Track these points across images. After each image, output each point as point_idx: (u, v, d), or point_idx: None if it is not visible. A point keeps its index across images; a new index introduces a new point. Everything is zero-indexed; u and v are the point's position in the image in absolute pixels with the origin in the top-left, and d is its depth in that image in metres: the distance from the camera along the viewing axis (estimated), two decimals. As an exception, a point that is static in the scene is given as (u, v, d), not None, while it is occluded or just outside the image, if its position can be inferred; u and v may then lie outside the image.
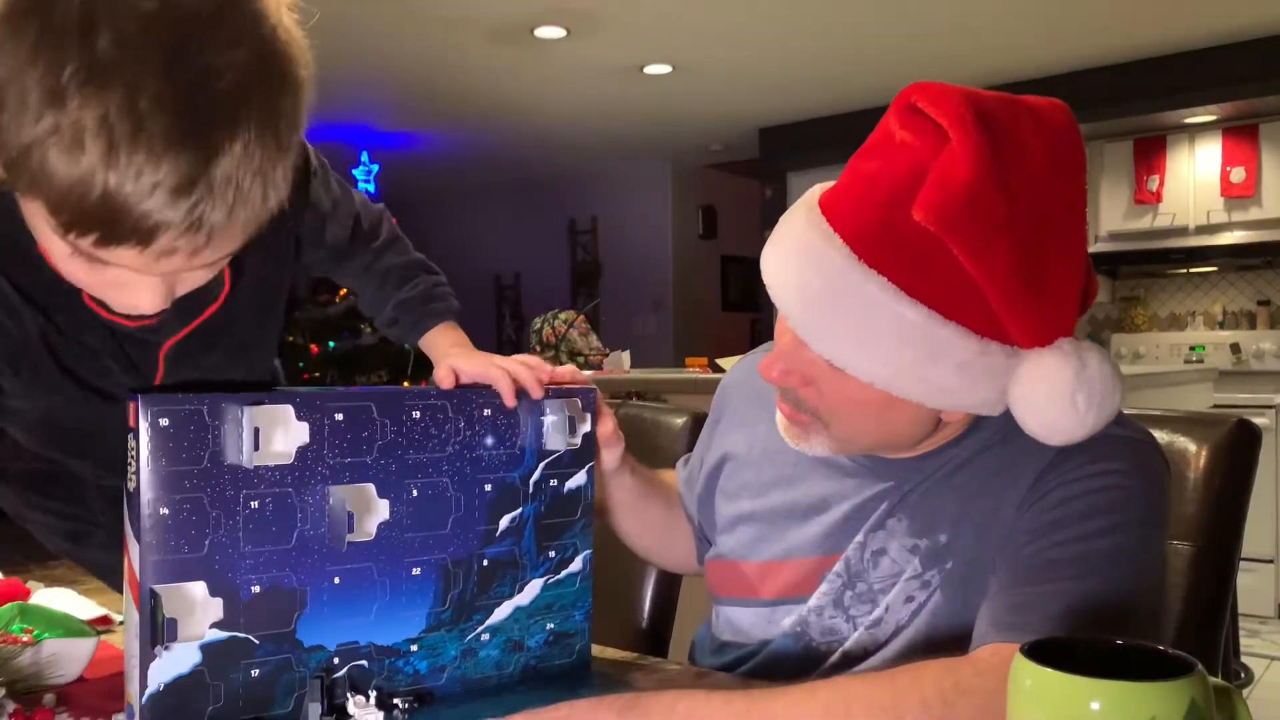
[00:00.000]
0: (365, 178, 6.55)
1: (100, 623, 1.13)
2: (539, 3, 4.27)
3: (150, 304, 0.75)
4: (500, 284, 8.65)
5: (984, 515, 0.95)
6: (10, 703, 0.89)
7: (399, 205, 7.26)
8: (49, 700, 0.91)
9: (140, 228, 0.66)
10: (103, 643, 1.01)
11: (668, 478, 1.29)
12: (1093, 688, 0.58)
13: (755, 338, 7.58)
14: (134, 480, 0.80)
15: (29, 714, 0.87)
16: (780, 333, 0.97)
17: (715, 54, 4.99)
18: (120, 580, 0.86)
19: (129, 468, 0.82)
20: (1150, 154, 5.22)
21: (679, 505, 1.26)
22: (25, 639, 0.97)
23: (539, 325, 4.42)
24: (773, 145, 6.46)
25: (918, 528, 0.98)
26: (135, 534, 0.80)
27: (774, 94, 5.70)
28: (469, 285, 8.33)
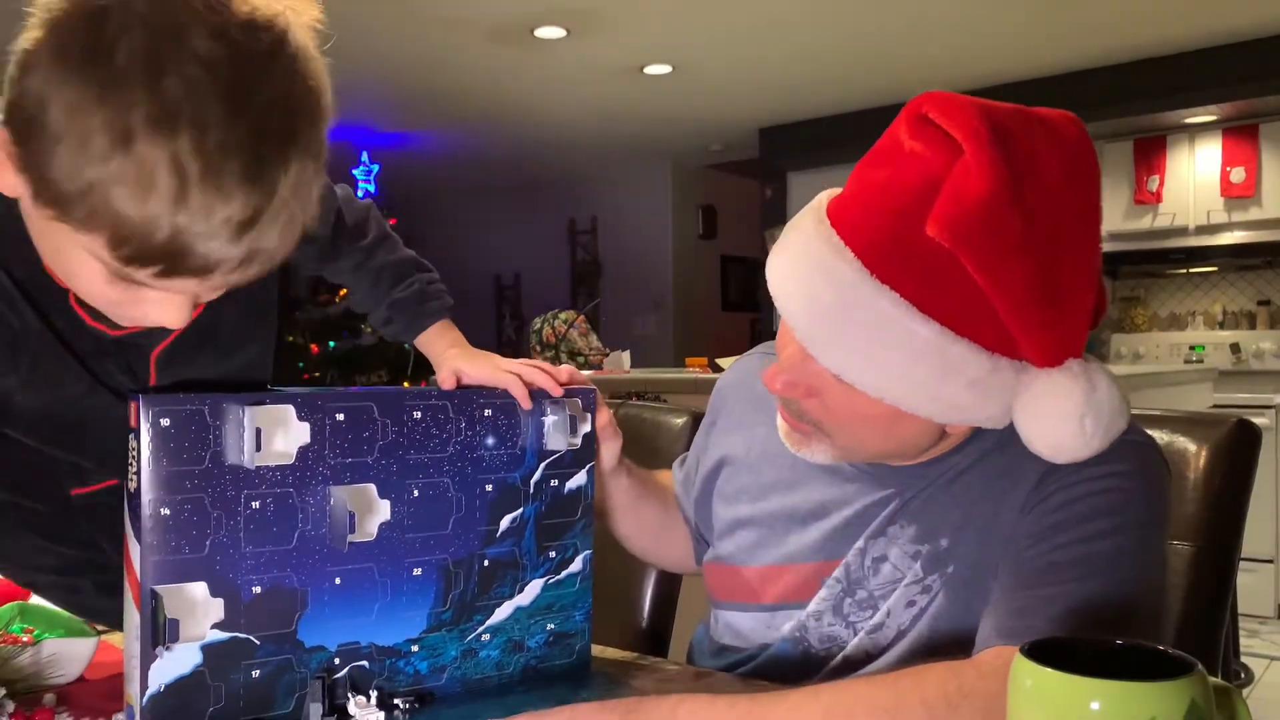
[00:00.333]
0: (365, 178, 6.55)
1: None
2: (539, 3, 4.27)
3: (177, 319, 0.76)
4: (500, 284, 8.65)
5: (985, 520, 0.94)
6: (10, 703, 0.89)
7: (399, 205, 7.25)
8: (49, 700, 0.92)
9: (204, 263, 0.70)
10: (103, 643, 1.01)
11: (664, 478, 1.29)
12: (1093, 688, 0.58)
13: (755, 338, 7.58)
14: (135, 480, 0.80)
15: (29, 714, 0.87)
16: (784, 343, 0.96)
17: (715, 54, 4.99)
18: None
19: (130, 468, 0.82)
20: (1150, 154, 5.22)
21: (675, 506, 1.26)
22: (25, 639, 0.97)
23: (539, 325, 4.41)
24: (773, 145, 6.46)
25: (919, 534, 0.97)
26: (136, 534, 0.80)
27: (774, 94, 5.70)
28: (469, 285, 8.34)
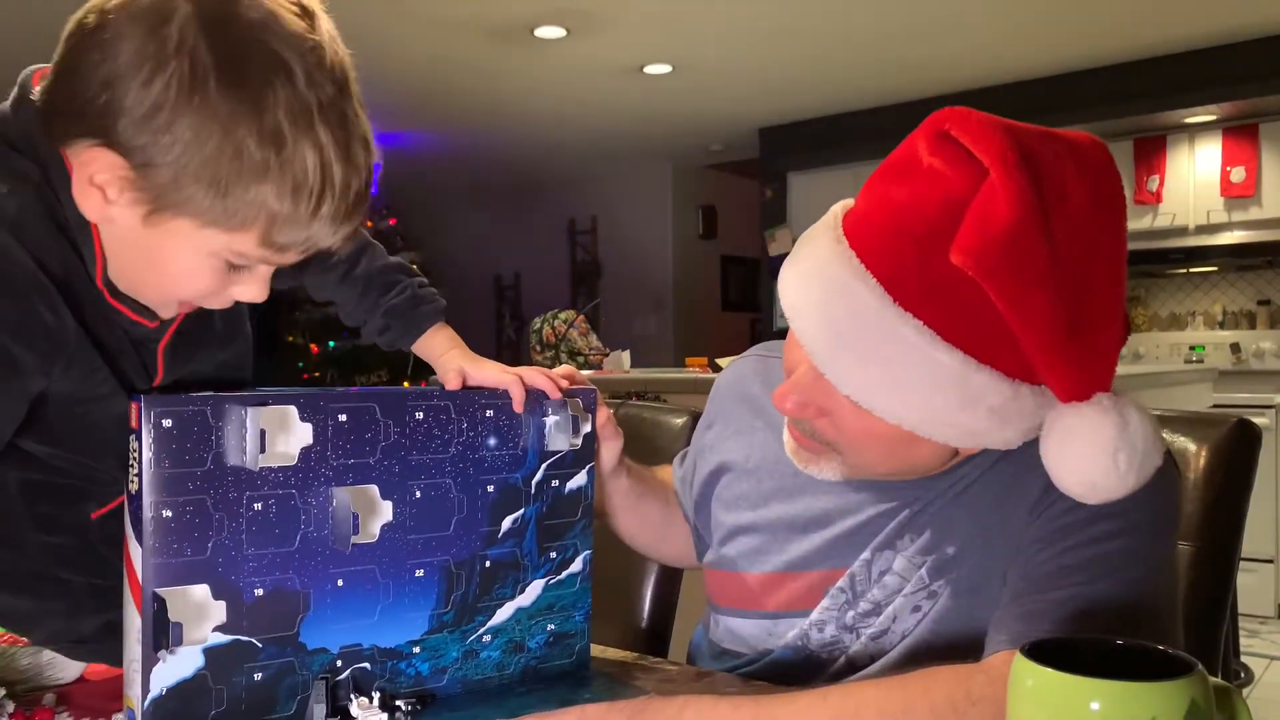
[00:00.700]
0: (365, 177, 6.55)
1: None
2: (539, 3, 4.27)
3: (263, 292, 0.87)
4: (500, 284, 8.65)
5: (994, 528, 0.94)
6: (10, 703, 0.89)
7: (399, 205, 7.23)
8: (49, 700, 0.92)
9: (330, 242, 0.83)
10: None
11: (664, 475, 1.28)
12: (1093, 688, 0.58)
13: (755, 337, 7.58)
14: (136, 482, 0.80)
15: (29, 714, 0.87)
16: (794, 361, 0.94)
17: (715, 54, 4.99)
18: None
19: (130, 469, 0.82)
20: (1150, 154, 5.22)
21: (676, 503, 1.26)
22: (25, 640, 0.97)
23: (539, 325, 4.41)
24: (773, 145, 6.46)
25: (927, 545, 0.97)
26: (137, 536, 0.80)
27: (774, 94, 5.70)
28: (469, 285, 8.34)
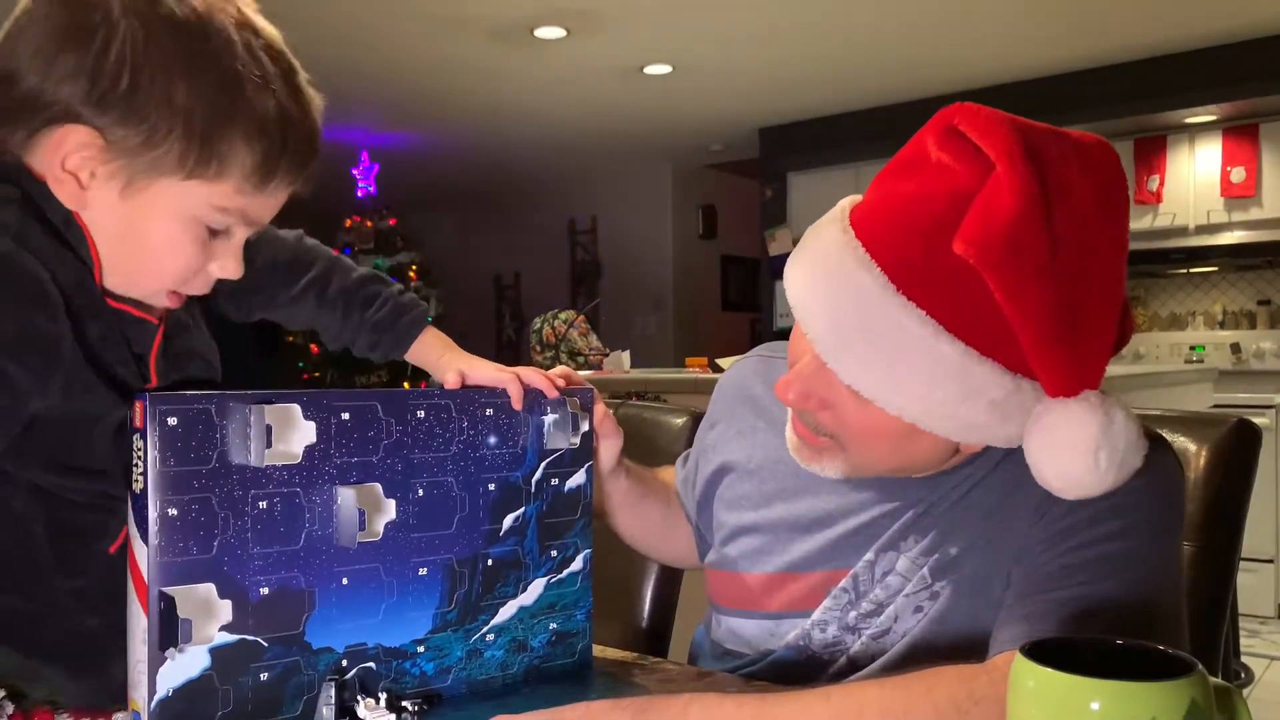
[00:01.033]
0: (365, 178, 6.55)
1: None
2: (539, 3, 4.27)
3: (239, 267, 0.90)
4: (500, 284, 8.65)
5: (998, 529, 0.94)
6: (10, 704, 0.89)
7: (399, 205, 7.24)
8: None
9: (311, 141, 0.89)
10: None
11: (665, 475, 1.28)
12: (1093, 688, 0.58)
13: (755, 338, 7.58)
14: (141, 481, 0.80)
15: (28, 713, 0.87)
16: (799, 352, 0.95)
17: (715, 54, 4.99)
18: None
19: (135, 468, 0.82)
20: (1150, 154, 5.22)
21: (677, 504, 1.26)
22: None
23: (539, 325, 4.41)
24: (773, 145, 6.46)
25: (931, 546, 0.97)
26: (142, 536, 0.80)
27: (774, 94, 5.70)
28: (469, 285, 8.34)
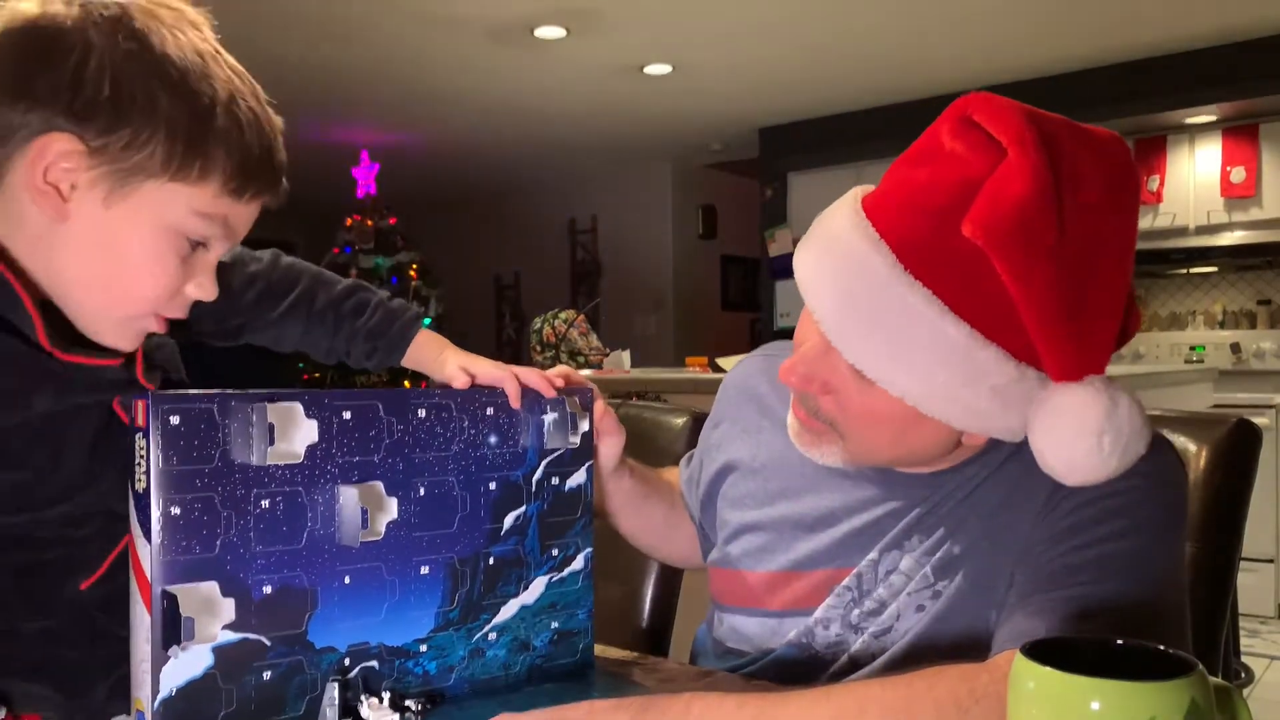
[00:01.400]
0: (365, 178, 6.55)
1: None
2: (539, 3, 4.27)
3: (214, 288, 0.89)
4: (500, 284, 8.65)
5: (1001, 528, 0.94)
6: (2, 709, 0.89)
7: (399, 205, 7.23)
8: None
9: (278, 161, 0.90)
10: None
11: (669, 476, 1.29)
12: (1093, 688, 0.58)
13: (755, 338, 7.58)
14: (143, 480, 0.80)
15: (18, 715, 0.87)
16: (804, 335, 0.95)
17: (715, 54, 4.99)
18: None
19: (137, 468, 0.82)
20: (1150, 154, 5.22)
21: (681, 505, 1.26)
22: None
23: (539, 325, 4.41)
24: (773, 145, 6.46)
25: (934, 545, 0.97)
26: (145, 535, 0.80)
27: (774, 94, 5.70)
28: (469, 285, 8.34)
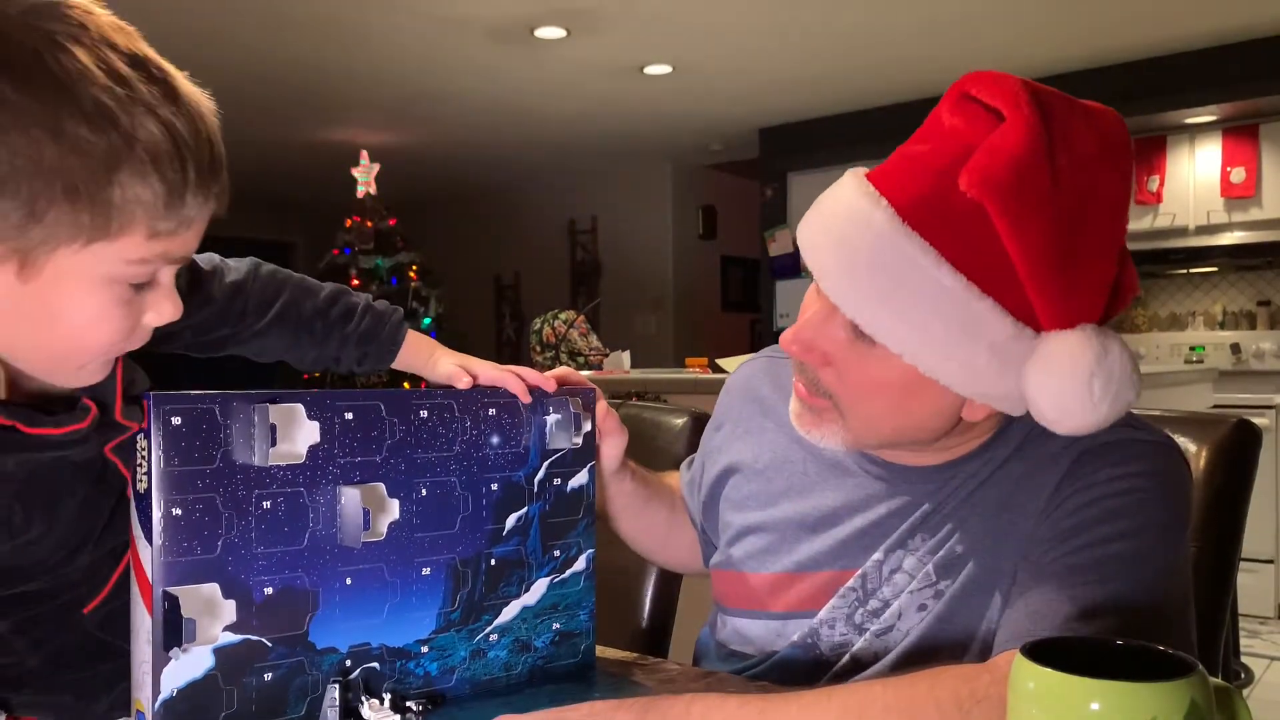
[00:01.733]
0: (365, 178, 6.55)
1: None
2: (539, 3, 4.27)
3: (176, 308, 0.80)
4: (500, 284, 8.65)
5: (1003, 528, 0.94)
6: (2, 713, 0.89)
7: (399, 205, 7.23)
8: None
9: (215, 156, 0.76)
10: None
11: (670, 480, 1.28)
12: (1093, 688, 0.58)
13: (755, 338, 7.58)
14: (145, 481, 0.80)
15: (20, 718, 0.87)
16: (807, 305, 0.96)
17: (715, 54, 4.99)
18: None
19: (139, 468, 0.82)
20: (1150, 154, 5.22)
21: (682, 509, 1.26)
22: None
23: (539, 325, 4.41)
24: (773, 145, 6.46)
25: (937, 544, 0.97)
26: (146, 536, 0.80)
27: (774, 94, 5.70)
28: (469, 285, 8.34)
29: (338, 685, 0.86)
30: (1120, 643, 0.66)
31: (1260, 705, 3.28)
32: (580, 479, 1.03)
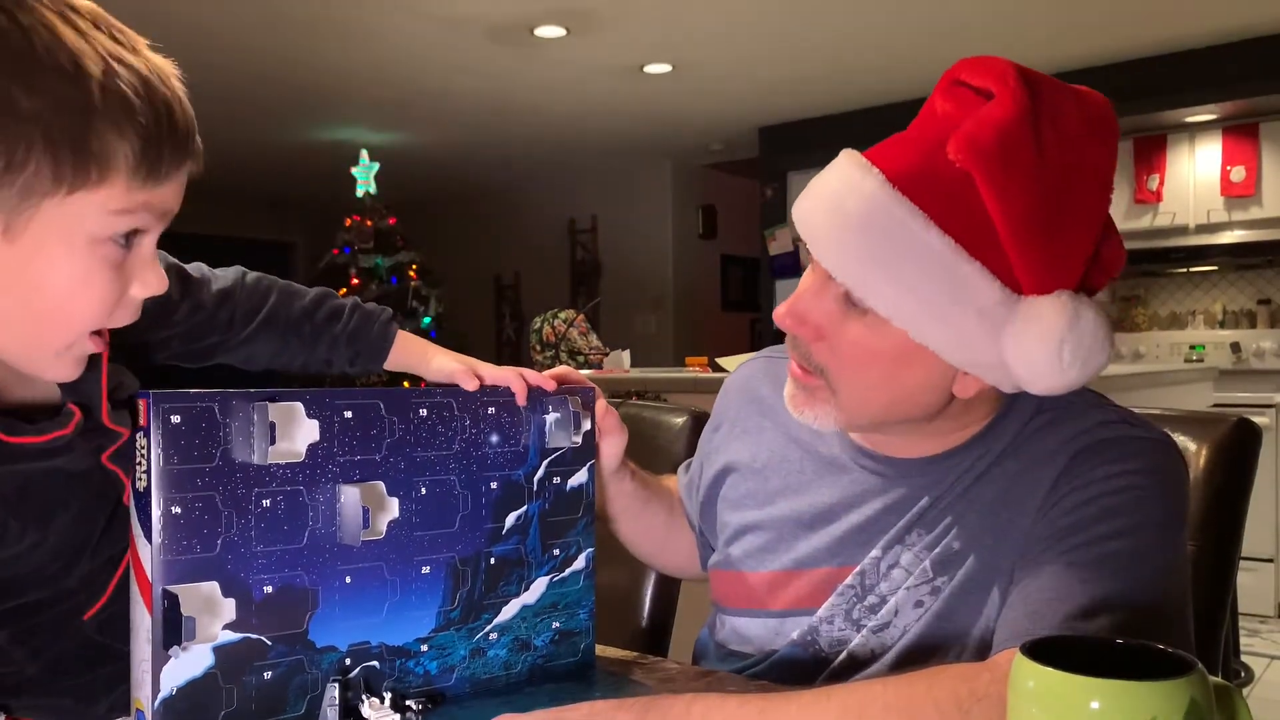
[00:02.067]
0: (365, 178, 6.55)
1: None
2: (539, 3, 4.27)
3: (162, 280, 0.80)
4: (500, 284, 8.65)
5: (1000, 525, 0.94)
6: (2, 715, 0.89)
7: (399, 205, 7.24)
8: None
9: (188, 120, 0.77)
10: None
11: (669, 483, 1.28)
12: (1093, 687, 0.58)
13: (755, 337, 7.58)
14: (144, 480, 0.81)
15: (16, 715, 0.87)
16: (802, 281, 0.98)
17: (715, 54, 4.99)
18: None
19: (138, 467, 0.82)
20: (1150, 153, 5.22)
21: (680, 511, 1.26)
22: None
23: (539, 325, 4.41)
24: (773, 145, 6.46)
25: (934, 540, 0.97)
26: (145, 534, 0.80)
27: (774, 94, 5.70)
28: (469, 285, 8.34)
29: (337, 684, 0.86)
30: (1120, 642, 0.66)
31: (1260, 704, 3.28)
32: (580, 478, 1.03)
